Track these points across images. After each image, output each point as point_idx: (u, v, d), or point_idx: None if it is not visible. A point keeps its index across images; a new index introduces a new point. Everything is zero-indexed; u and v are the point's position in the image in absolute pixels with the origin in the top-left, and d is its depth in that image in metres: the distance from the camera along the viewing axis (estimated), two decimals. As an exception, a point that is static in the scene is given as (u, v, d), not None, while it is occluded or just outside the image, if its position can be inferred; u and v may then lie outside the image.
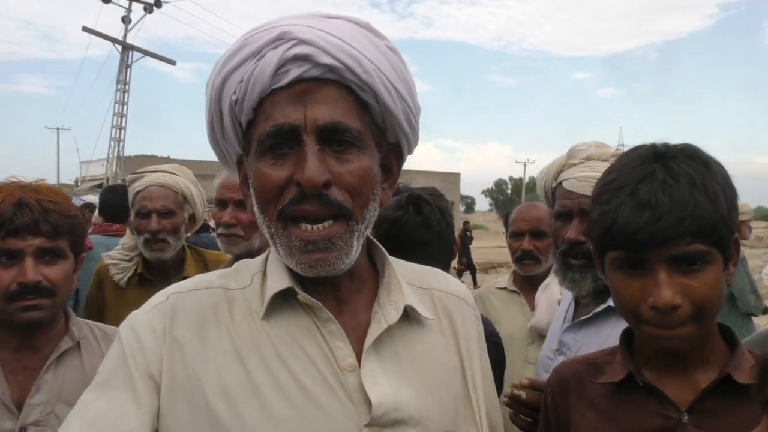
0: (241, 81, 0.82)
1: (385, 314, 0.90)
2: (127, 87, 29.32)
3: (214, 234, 2.74)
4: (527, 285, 2.54)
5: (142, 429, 0.79)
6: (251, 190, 0.87)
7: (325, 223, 0.81)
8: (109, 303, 2.55)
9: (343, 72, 0.81)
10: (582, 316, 1.63)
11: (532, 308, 2.42)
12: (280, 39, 0.81)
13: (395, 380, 0.87)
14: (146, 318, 0.86)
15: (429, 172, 51.20)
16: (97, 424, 0.79)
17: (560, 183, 1.65)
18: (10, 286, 1.35)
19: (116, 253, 2.60)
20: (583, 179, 1.58)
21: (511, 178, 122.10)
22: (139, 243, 2.43)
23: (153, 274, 2.45)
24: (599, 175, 1.48)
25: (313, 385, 0.83)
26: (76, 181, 44.73)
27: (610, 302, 1.52)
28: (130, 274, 2.51)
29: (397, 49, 0.90)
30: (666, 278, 0.91)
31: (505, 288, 2.62)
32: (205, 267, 2.50)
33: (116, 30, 30.65)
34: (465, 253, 14.91)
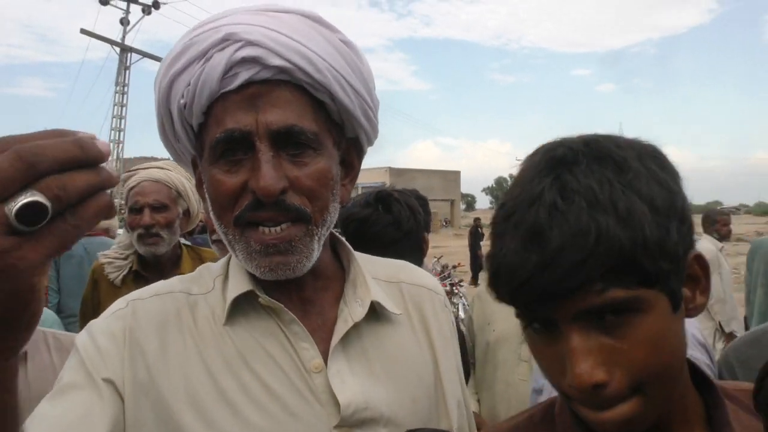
0: (189, 84, 0.79)
1: (351, 312, 0.88)
2: (126, 89, 29.33)
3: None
4: None
5: (110, 424, 0.75)
6: (206, 195, 0.85)
7: (284, 225, 0.79)
8: (103, 302, 2.51)
9: (295, 73, 0.78)
10: None
11: None
12: (226, 40, 0.77)
13: (364, 379, 0.85)
14: (105, 323, 0.83)
15: (429, 170, 51.23)
16: (58, 426, 0.73)
17: None
18: None
19: (112, 252, 2.59)
20: None
21: (511, 176, 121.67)
22: (133, 239, 2.41)
23: (148, 271, 2.44)
24: None
25: (280, 388, 0.81)
26: (77, 184, 44.73)
27: None
28: (125, 272, 2.50)
29: (352, 42, 0.86)
30: (580, 344, 0.63)
31: None
32: (201, 264, 2.49)
33: (115, 32, 30.67)
34: (477, 247, 15.22)
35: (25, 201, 0.40)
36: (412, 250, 1.78)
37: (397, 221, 1.77)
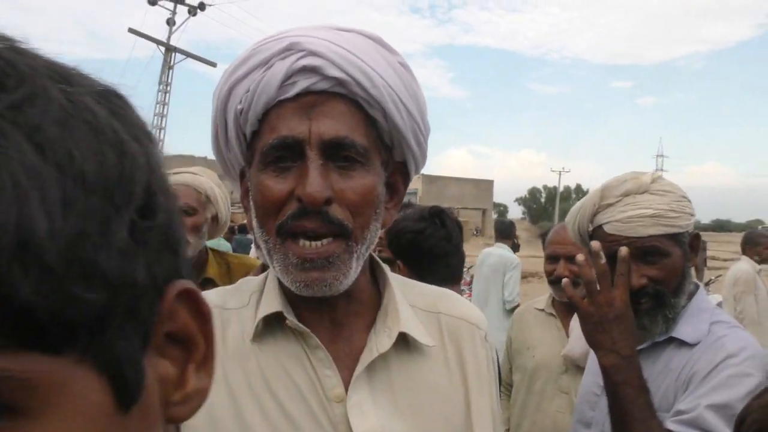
0: (248, 91, 0.81)
1: (378, 341, 0.85)
2: (168, 88, 30.05)
3: (250, 235, 2.78)
4: (565, 309, 2.44)
5: None
6: (251, 202, 0.85)
7: (324, 240, 0.79)
8: None
9: (351, 86, 0.79)
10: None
11: (569, 334, 2.35)
12: (289, 50, 0.79)
13: (386, 411, 0.83)
14: None
15: (462, 178, 50.99)
16: None
17: (599, 226, 1.49)
18: None
19: None
20: (627, 220, 1.44)
21: (545, 187, 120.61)
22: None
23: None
24: (643, 210, 1.42)
25: (299, 415, 0.80)
26: (117, 178, 45.84)
27: (675, 333, 1.45)
28: None
29: (409, 66, 0.88)
30: None
31: (543, 310, 2.52)
32: (228, 269, 2.50)
33: (161, 31, 31.43)
34: None
35: None
36: (458, 263, 1.96)
37: (449, 235, 1.96)
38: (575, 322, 2.20)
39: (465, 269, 11.46)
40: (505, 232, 6.09)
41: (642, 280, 1.43)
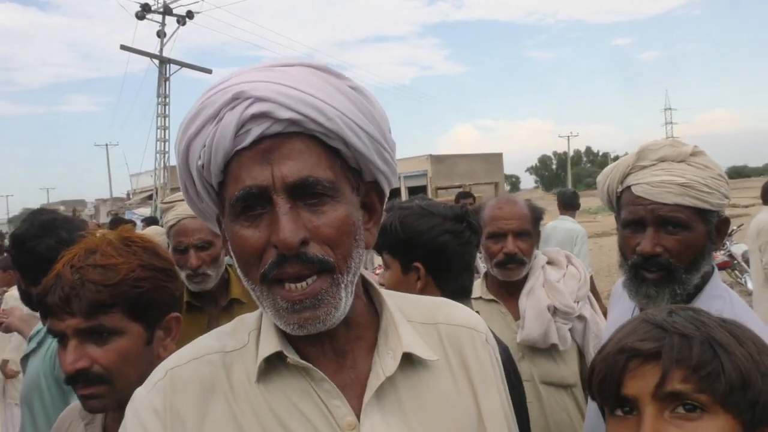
0: (204, 146, 0.81)
1: (383, 364, 0.87)
2: (167, 99, 30.09)
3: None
4: (504, 291, 2.25)
5: None
6: (231, 253, 0.86)
7: (309, 280, 0.79)
8: None
9: (306, 123, 0.79)
10: None
11: (515, 317, 2.19)
12: (236, 99, 0.79)
13: None
14: (147, 398, 0.86)
15: (470, 154, 50.69)
16: None
17: (628, 187, 1.49)
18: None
19: None
20: (658, 184, 1.43)
21: (555, 153, 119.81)
22: (182, 276, 2.38)
23: (200, 301, 2.42)
24: (677, 178, 1.41)
25: None
26: (128, 194, 46.32)
27: None
28: None
29: (362, 87, 0.87)
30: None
31: (480, 297, 2.27)
32: None
33: (153, 44, 31.45)
34: None
35: None
36: (472, 275, 1.85)
37: (478, 243, 1.87)
38: (525, 300, 2.13)
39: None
40: (569, 203, 5.76)
41: (657, 248, 1.43)
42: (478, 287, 2.29)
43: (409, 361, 0.89)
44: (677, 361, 0.87)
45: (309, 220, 0.79)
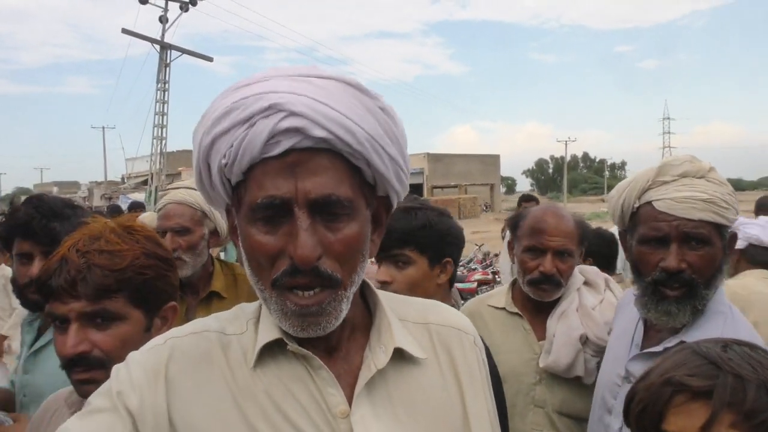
0: (231, 146, 0.82)
1: (375, 358, 0.90)
2: (167, 85, 29.97)
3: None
4: (531, 306, 2.04)
5: None
6: (241, 248, 0.88)
7: (316, 290, 0.82)
8: None
9: (335, 143, 0.81)
10: (653, 345, 1.51)
11: (539, 337, 2.00)
12: (270, 109, 0.80)
13: (388, 425, 0.87)
14: (142, 357, 0.88)
15: (467, 155, 50.77)
16: None
17: (648, 203, 1.48)
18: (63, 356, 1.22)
19: None
20: (682, 200, 1.42)
21: (552, 157, 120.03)
22: None
23: (181, 290, 2.35)
24: (700, 194, 1.42)
25: (308, 431, 0.85)
26: (123, 178, 46.16)
27: (685, 336, 1.44)
28: None
29: (390, 108, 0.89)
30: None
31: (504, 309, 2.08)
32: (234, 280, 2.47)
33: (155, 29, 31.27)
34: None
35: None
36: None
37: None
38: (556, 323, 1.94)
39: (477, 247, 11.27)
40: None
41: (682, 264, 1.42)
42: (503, 297, 2.12)
43: (400, 356, 0.91)
44: (729, 404, 0.81)
45: (324, 236, 0.81)
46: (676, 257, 1.42)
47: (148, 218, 6.01)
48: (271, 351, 0.88)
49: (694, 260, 1.42)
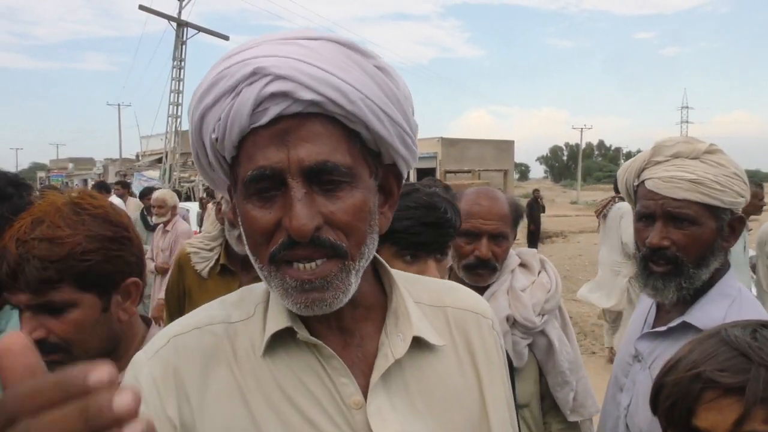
0: (219, 119, 0.77)
1: (392, 346, 0.85)
2: (183, 63, 29.94)
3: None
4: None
5: None
6: (240, 227, 0.84)
7: (318, 261, 0.77)
8: (190, 291, 2.60)
9: (327, 105, 0.75)
10: (661, 325, 1.55)
11: None
12: (254, 74, 0.74)
13: (405, 415, 0.84)
14: (147, 366, 0.84)
15: (482, 140, 50.40)
16: None
17: (643, 182, 1.53)
18: None
19: (197, 242, 2.62)
20: (668, 179, 1.46)
21: (567, 145, 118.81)
22: (231, 236, 2.42)
23: (235, 265, 2.47)
24: (687, 174, 1.43)
25: (321, 423, 0.81)
26: (137, 156, 46.40)
27: (688, 317, 1.47)
28: (211, 264, 2.53)
29: (388, 67, 0.82)
30: None
31: None
32: None
33: (172, 6, 31.20)
34: (533, 221, 15.12)
35: None
36: None
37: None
38: None
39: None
40: None
41: (664, 241, 1.47)
42: None
43: (416, 343, 0.87)
44: (763, 399, 0.79)
45: (324, 206, 0.76)
46: (659, 234, 1.47)
47: (168, 195, 6.04)
48: (282, 339, 0.84)
49: (678, 238, 1.46)
